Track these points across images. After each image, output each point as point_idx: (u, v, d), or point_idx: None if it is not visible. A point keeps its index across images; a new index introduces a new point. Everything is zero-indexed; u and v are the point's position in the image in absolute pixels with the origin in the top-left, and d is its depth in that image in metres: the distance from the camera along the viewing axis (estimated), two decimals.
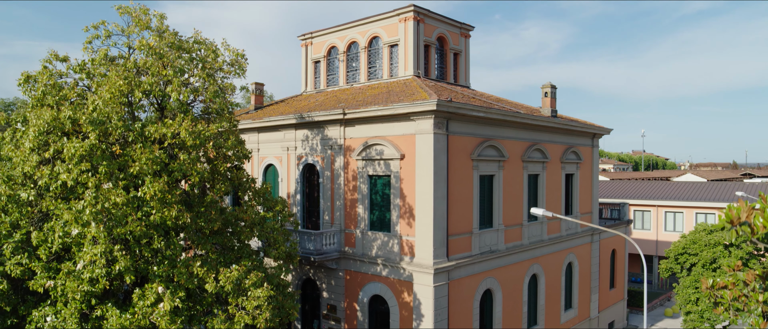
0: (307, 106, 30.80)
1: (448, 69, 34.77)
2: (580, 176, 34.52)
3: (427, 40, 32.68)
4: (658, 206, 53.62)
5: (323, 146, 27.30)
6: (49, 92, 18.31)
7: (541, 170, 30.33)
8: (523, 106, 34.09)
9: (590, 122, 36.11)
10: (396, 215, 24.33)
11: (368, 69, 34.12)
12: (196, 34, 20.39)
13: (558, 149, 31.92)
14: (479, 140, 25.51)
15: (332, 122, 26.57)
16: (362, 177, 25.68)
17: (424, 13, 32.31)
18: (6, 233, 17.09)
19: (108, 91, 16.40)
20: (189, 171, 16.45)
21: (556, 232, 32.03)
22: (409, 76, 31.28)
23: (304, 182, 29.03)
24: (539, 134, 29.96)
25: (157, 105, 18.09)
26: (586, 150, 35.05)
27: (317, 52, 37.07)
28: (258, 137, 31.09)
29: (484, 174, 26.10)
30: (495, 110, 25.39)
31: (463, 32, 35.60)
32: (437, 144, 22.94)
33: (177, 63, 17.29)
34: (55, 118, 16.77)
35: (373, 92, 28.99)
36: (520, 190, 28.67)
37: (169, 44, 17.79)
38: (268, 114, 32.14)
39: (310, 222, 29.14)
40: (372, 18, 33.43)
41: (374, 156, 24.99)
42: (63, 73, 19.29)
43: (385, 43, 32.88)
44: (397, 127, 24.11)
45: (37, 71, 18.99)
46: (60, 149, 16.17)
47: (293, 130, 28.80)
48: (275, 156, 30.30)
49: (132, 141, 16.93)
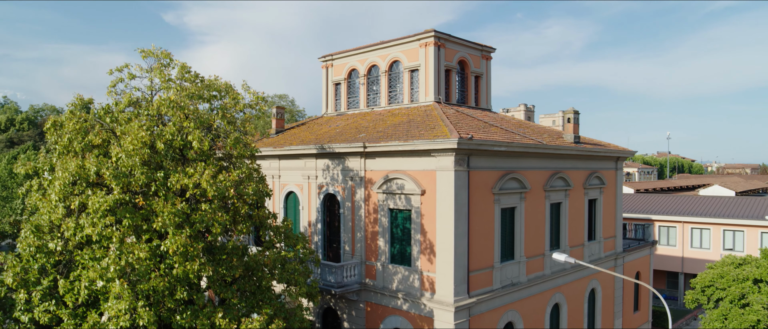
0: (328, 133, 30.88)
1: (469, 93, 34.56)
2: (604, 200, 34.04)
3: (448, 65, 32.51)
4: (683, 222, 52.65)
5: (344, 176, 27.33)
6: (75, 138, 18.65)
7: (564, 197, 29.98)
8: (545, 129, 33.75)
9: (613, 144, 35.61)
10: (417, 251, 24.27)
11: (389, 93, 34.07)
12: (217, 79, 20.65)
13: (581, 176, 31.51)
14: (501, 173, 25.30)
15: (353, 154, 26.59)
16: (383, 210, 25.65)
17: (444, 38, 32.14)
18: (34, 281, 17.44)
19: (131, 142, 16.62)
20: (211, 223, 16.60)
21: (578, 259, 31.60)
22: (430, 103, 31.15)
23: (324, 211, 29.12)
24: (562, 161, 29.60)
25: (179, 153, 18.27)
26: (609, 174, 34.54)
27: (338, 75, 37.14)
28: (279, 164, 31.26)
29: (505, 207, 25.88)
30: (517, 144, 25.15)
31: (484, 55, 35.34)
32: (458, 181, 22.81)
33: (198, 114, 17.47)
34: (80, 167, 17.06)
35: (394, 121, 28.93)
36: (541, 220, 28.37)
37: (190, 95, 17.97)
38: (288, 139, 32.32)
39: (331, 250, 29.23)
40: (392, 42, 33.37)
41: (395, 190, 24.95)
42: (88, 119, 19.61)
43: (406, 67, 32.80)
44: (417, 162, 24.04)
45: (65, 116, 19.36)
46: (85, 201, 16.45)
47: (314, 159, 28.90)
48: (296, 184, 30.43)
49: (154, 191, 17.13)
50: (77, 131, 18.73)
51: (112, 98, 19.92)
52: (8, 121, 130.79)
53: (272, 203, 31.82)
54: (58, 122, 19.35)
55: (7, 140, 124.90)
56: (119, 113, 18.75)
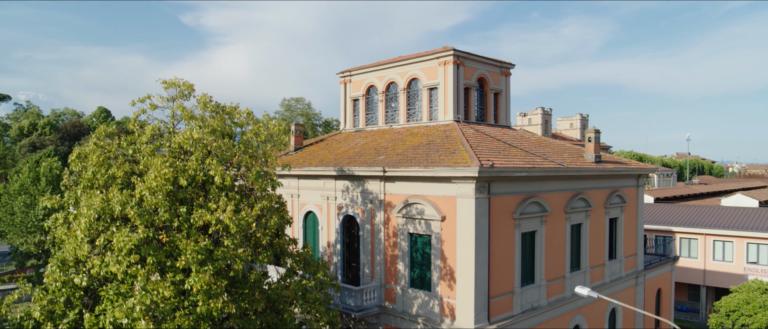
0: (346, 152, 30.92)
1: (488, 110, 34.38)
2: (625, 218, 33.66)
3: (467, 83, 32.37)
4: (705, 234, 51.89)
5: (363, 199, 27.35)
6: (98, 171, 18.89)
7: (585, 218, 29.70)
8: (565, 147, 33.46)
9: (635, 161, 35.19)
10: (437, 276, 24.20)
11: (407, 110, 34.02)
12: (237, 107, 20.81)
13: (602, 195, 31.19)
14: (521, 197, 25.15)
15: (373, 177, 26.59)
16: (402, 234, 25.63)
17: (464, 56, 32.01)
18: (60, 313, 17.69)
19: (154, 179, 16.78)
20: (233, 260, 16.72)
21: (599, 279, 31.34)
22: (449, 122, 31.04)
23: (343, 232, 29.16)
24: (583, 182, 29.32)
25: (201, 187, 18.40)
26: (630, 192, 34.15)
27: (356, 91, 37.16)
28: (298, 183, 31.36)
29: (525, 231, 25.71)
30: (538, 169, 24.97)
31: (503, 71, 35.14)
32: (479, 209, 22.71)
33: (221, 150, 17.63)
34: (105, 202, 17.27)
35: (413, 142, 28.87)
36: (562, 242, 28.15)
37: (212, 130, 18.12)
38: (307, 158, 32.42)
39: (350, 271, 29.28)
40: (410, 60, 33.31)
41: (415, 215, 24.91)
42: (111, 149, 19.83)
43: (425, 85, 32.72)
44: (438, 187, 23.97)
45: (89, 148, 19.62)
46: (110, 238, 16.65)
47: (333, 180, 28.94)
48: (315, 204, 30.51)
49: (177, 227, 17.29)
50: (100, 163, 18.96)
51: (136, 129, 20.15)
52: (31, 126, 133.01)
53: (291, 226, 31.89)
54: (82, 153, 19.63)
55: (30, 144, 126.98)
56: (142, 145, 18.92)
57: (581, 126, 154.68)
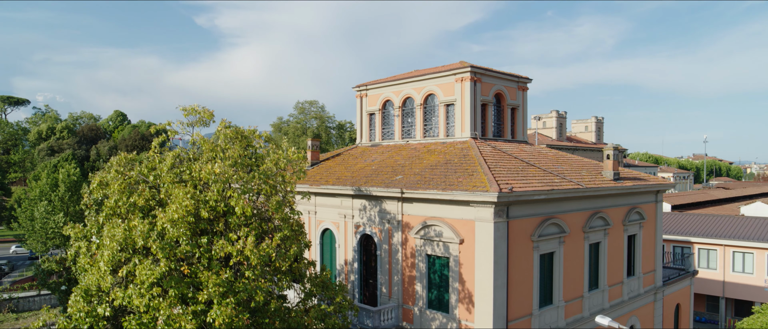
0: (363, 170, 30.94)
1: (505, 125, 34.24)
2: (643, 235, 33.36)
3: (484, 99, 32.25)
4: (725, 245, 51.24)
5: (381, 219, 27.37)
6: (120, 199, 19.07)
7: (603, 237, 29.47)
8: (583, 163, 33.21)
9: (653, 177, 34.85)
10: (455, 299, 24.16)
11: (424, 126, 33.98)
12: (255, 130, 20.97)
13: (620, 212, 30.93)
14: (540, 219, 25.01)
15: (390, 198, 26.59)
16: (420, 255, 25.61)
17: (480, 73, 31.90)
18: None
19: (176, 211, 16.91)
20: (254, 292, 16.82)
21: (617, 297, 31.09)
22: (466, 139, 30.96)
23: (361, 251, 29.21)
24: (601, 201, 29.09)
25: (223, 218, 18.52)
26: (649, 208, 33.83)
27: (372, 105, 37.19)
28: (315, 200, 31.46)
29: (544, 253, 25.57)
30: (556, 192, 24.82)
31: (520, 86, 34.96)
32: (498, 233, 22.63)
33: (242, 180, 17.74)
34: (127, 232, 17.45)
35: (430, 160, 28.82)
36: (580, 262, 27.96)
37: (233, 163, 18.24)
38: (324, 175, 32.50)
39: (367, 290, 29.32)
40: (427, 75, 33.28)
41: (433, 236, 24.88)
42: (132, 176, 20.02)
43: (441, 101, 32.65)
44: (456, 210, 23.92)
45: (111, 175, 19.82)
46: (132, 270, 16.83)
47: (350, 199, 28.99)
48: (332, 221, 30.59)
49: (198, 257, 17.42)
50: (122, 191, 19.15)
51: (156, 157, 20.34)
52: (49, 130, 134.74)
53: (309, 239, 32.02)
54: (103, 181, 19.83)
55: (48, 148, 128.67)
56: (163, 173, 19.08)
57: (596, 129, 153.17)
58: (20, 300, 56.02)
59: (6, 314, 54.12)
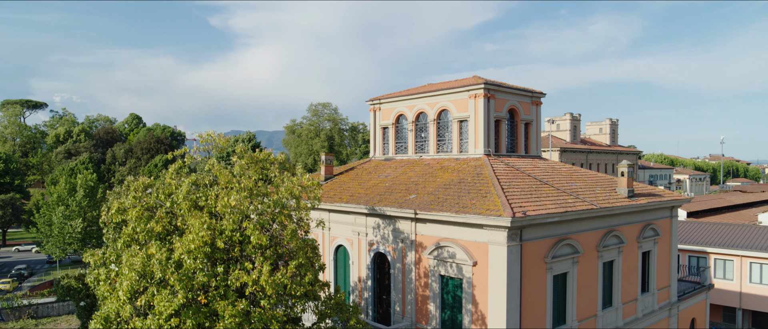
0: (377, 186, 31.12)
1: (518, 141, 34.23)
2: (658, 250, 33.19)
3: (498, 115, 32.28)
4: (742, 256, 50.72)
5: (395, 238, 27.53)
6: (138, 225, 19.42)
7: (617, 255, 29.39)
8: (598, 179, 33.11)
9: (668, 192, 34.64)
10: (468, 320, 24.25)
11: (437, 141, 34.08)
12: (270, 154, 21.25)
13: (634, 230, 30.81)
14: (553, 240, 25.02)
15: (404, 218, 26.75)
16: (433, 275, 25.74)
17: (494, 89, 31.94)
18: None
19: (192, 241, 17.21)
20: (270, 322, 17.07)
21: (631, 315, 30.98)
22: (479, 155, 31.02)
23: (374, 268, 29.41)
24: (615, 219, 29.00)
25: (238, 247, 18.80)
26: (664, 223, 33.63)
27: (385, 119, 37.36)
28: (329, 216, 31.69)
29: (557, 274, 25.58)
30: (570, 213, 24.82)
31: (534, 101, 34.93)
32: (511, 256, 22.69)
33: (258, 211, 18.00)
34: (145, 261, 17.79)
35: (444, 178, 28.92)
36: (594, 281, 27.91)
37: (248, 194, 18.50)
38: (337, 191, 32.73)
39: (381, 307, 29.50)
40: (440, 91, 33.36)
41: (446, 257, 25.00)
42: (149, 203, 20.37)
43: (455, 117, 32.73)
44: (469, 232, 24.00)
45: (129, 201, 20.18)
46: (151, 300, 17.15)
47: (364, 217, 29.19)
48: (346, 238, 30.81)
49: (215, 287, 17.71)
50: (139, 217, 19.51)
51: (173, 182, 20.67)
52: (66, 133, 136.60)
53: (322, 257, 32.29)
54: (121, 207, 20.19)
55: (65, 151, 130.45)
56: (180, 200, 19.40)
57: (611, 131, 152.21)
58: (39, 306, 56.92)
59: (26, 320, 55.02)
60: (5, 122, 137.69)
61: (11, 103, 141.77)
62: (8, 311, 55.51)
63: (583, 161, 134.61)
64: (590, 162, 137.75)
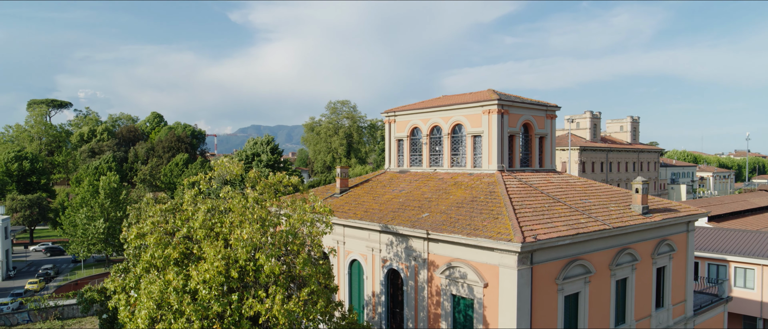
0: (391, 202, 31.47)
1: (532, 155, 34.27)
2: (674, 266, 33.03)
3: (512, 130, 32.38)
4: (763, 265, 50.05)
5: (407, 255, 27.89)
6: (156, 251, 20.06)
7: (630, 272, 29.36)
8: (612, 193, 33.03)
9: (685, 206, 34.42)
10: None
11: (451, 155, 34.30)
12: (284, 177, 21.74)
13: (649, 246, 30.73)
14: (565, 261, 25.15)
15: (416, 237, 27.08)
16: (445, 294, 26.05)
17: (508, 104, 32.02)
18: None
19: (208, 271, 17.76)
20: None
21: None
22: (493, 171, 31.18)
23: (388, 284, 29.81)
24: (629, 237, 28.96)
25: (252, 275, 19.32)
26: (680, 238, 33.45)
27: (400, 131, 37.67)
28: (344, 231, 32.15)
29: (569, 294, 25.70)
30: (582, 235, 24.90)
31: (548, 114, 34.91)
32: (521, 279, 22.90)
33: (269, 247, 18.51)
34: (163, 285, 18.41)
35: (457, 196, 29.16)
36: (606, 299, 27.95)
37: (261, 224, 18.99)
38: (352, 205, 33.15)
39: (394, 322, 29.91)
40: (455, 105, 33.55)
41: (458, 277, 25.28)
42: (167, 227, 20.99)
43: (469, 132, 32.91)
44: (480, 254, 24.24)
45: (147, 227, 20.83)
46: (168, 328, 17.77)
47: (378, 233, 29.58)
48: (360, 253, 31.26)
49: (229, 315, 18.25)
50: (158, 243, 20.14)
51: (190, 208, 21.26)
52: (90, 132, 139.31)
53: (337, 271, 32.82)
54: (140, 232, 20.85)
55: (89, 150, 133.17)
56: (197, 228, 19.96)
57: (632, 128, 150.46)
58: (65, 307, 58.54)
59: (52, 322, 56.68)
60: (31, 122, 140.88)
61: (37, 103, 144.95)
62: (36, 312, 57.19)
63: (603, 160, 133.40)
64: (610, 161, 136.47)
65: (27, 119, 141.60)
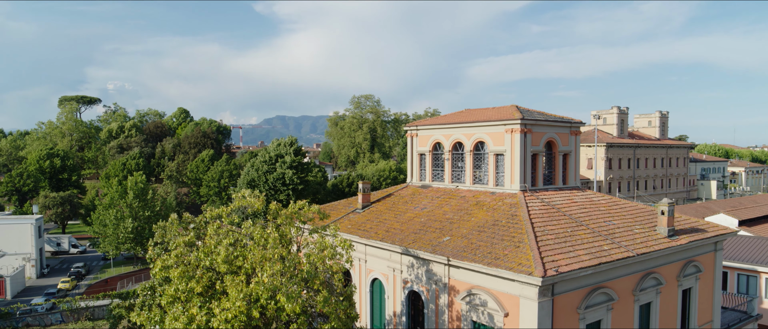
0: (412, 220, 31.52)
1: (556, 172, 33.92)
2: (700, 286, 32.48)
3: (535, 149, 32.07)
4: None
5: (428, 279, 27.95)
6: (180, 284, 20.46)
7: (655, 296, 28.97)
8: (637, 212, 32.52)
9: (713, 225, 33.74)
10: None
11: (474, 173, 34.15)
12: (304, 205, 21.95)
13: (674, 269, 30.25)
14: (587, 290, 24.92)
15: (437, 262, 27.10)
16: (466, 320, 26.06)
17: (532, 123, 31.70)
18: None
19: (230, 311, 18.08)
20: None
21: None
22: (515, 192, 30.98)
23: (408, 304, 29.94)
24: (654, 261, 28.54)
25: (274, 313, 19.59)
26: (707, 258, 32.84)
27: (422, 146, 37.61)
28: (365, 249, 32.33)
29: (591, 322, 25.49)
30: (605, 265, 24.63)
31: (573, 131, 34.47)
32: (542, 311, 22.78)
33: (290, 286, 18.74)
34: (187, 322, 18.80)
35: (479, 218, 29.06)
36: (629, 325, 27.63)
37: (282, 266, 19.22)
38: (374, 222, 33.28)
39: None
40: (477, 123, 33.36)
41: (478, 304, 25.26)
42: (191, 261, 21.38)
43: (491, 151, 32.71)
44: (501, 283, 24.17)
45: (171, 260, 21.23)
46: None
47: (399, 255, 29.68)
48: (382, 273, 31.41)
49: None
50: (181, 276, 20.54)
51: (212, 242, 21.61)
52: (119, 128, 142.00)
53: (359, 289, 33.07)
54: (165, 265, 21.29)
55: (118, 146, 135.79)
56: (219, 263, 20.30)
57: (660, 123, 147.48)
58: (96, 308, 60.12)
59: (84, 322, 58.31)
60: (62, 118, 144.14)
61: (68, 99, 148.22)
62: (68, 313, 58.87)
63: (631, 157, 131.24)
64: (638, 157, 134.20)
65: (58, 116, 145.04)
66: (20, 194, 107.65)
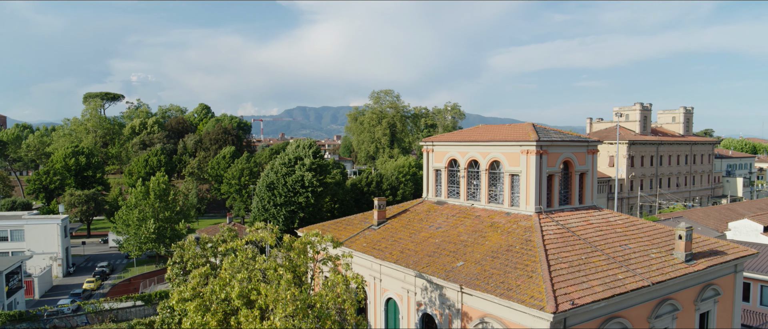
0: (427, 240, 31.63)
1: (572, 192, 33.68)
2: (719, 309, 32.07)
3: (551, 170, 31.87)
4: None
5: (441, 303, 28.08)
6: (196, 317, 20.92)
7: (671, 322, 28.69)
8: (654, 234, 32.17)
9: (734, 245, 33.23)
10: None
11: (489, 192, 34.08)
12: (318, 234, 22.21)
13: (692, 293, 29.91)
14: (600, 320, 24.81)
15: (450, 288, 27.21)
16: None
17: (547, 144, 31.49)
18: None
19: None
20: None
21: None
22: (530, 214, 30.87)
23: (423, 327, 30.12)
24: (670, 287, 28.26)
25: None
26: (726, 281, 32.39)
27: (438, 161, 37.62)
28: (380, 268, 32.57)
29: None
30: (619, 296, 24.49)
31: (590, 150, 34.16)
32: None
33: None
34: None
35: (492, 242, 29.05)
36: None
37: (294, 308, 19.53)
38: (389, 241, 33.46)
39: None
40: (492, 142, 33.25)
41: None
42: (206, 294, 21.82)
43: (507, 170, 32.60)
44: (513, 313, 24.21)
45: (188, 292, 21.70)
46: None
47: (413, 277, 29.86)
48: (396, 293, 31.63)
49: None
50: (197, 309, 21.00)
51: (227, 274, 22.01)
52: (141, 125, 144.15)
53: (374, 308, 33.35)
54: (182, 297, 21.77)
55: (140, 142, 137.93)
56: (234, 299, 20.70)
57: (684, 119, 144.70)
58: (119, 310, 61.51)
59: (108, 324, 59.73)
60: (87, 115, 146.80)
61: (92, 96, 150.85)
62: (92, 315, 60.35)
63: (654, 154, 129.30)
64: (661, 154, 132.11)
65: (83, 112, 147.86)
66: (47, 192, 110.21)
